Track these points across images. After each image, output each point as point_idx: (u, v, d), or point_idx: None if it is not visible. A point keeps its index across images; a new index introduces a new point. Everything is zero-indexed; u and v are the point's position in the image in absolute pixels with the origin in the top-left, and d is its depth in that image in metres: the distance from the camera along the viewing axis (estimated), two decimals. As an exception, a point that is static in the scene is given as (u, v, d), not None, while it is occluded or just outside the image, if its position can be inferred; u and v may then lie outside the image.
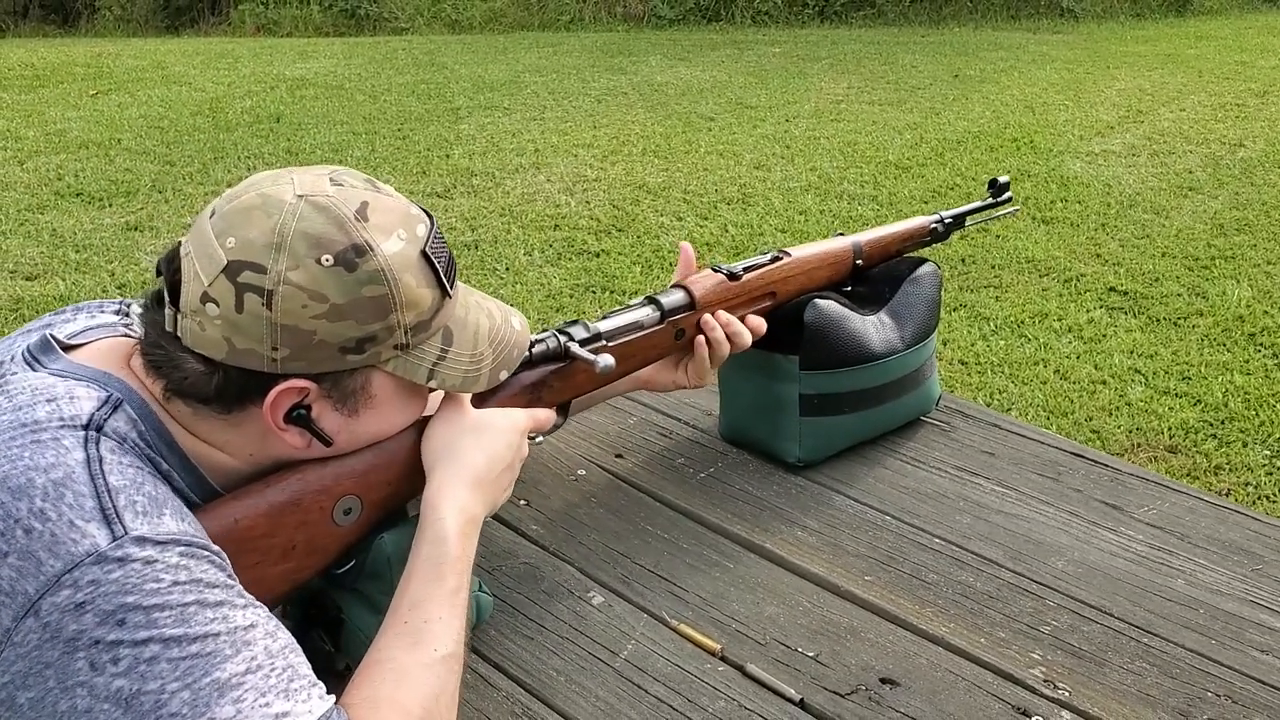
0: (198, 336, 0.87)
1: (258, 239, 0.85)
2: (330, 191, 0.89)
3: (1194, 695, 1.05)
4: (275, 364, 0.87)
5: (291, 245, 0.85)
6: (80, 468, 0.80)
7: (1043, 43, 8.92)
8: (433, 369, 0.95)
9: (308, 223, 0.86)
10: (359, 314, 0.88)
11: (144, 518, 0.79)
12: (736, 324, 1.30)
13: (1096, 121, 6.16)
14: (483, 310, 1.01)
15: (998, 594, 1.19)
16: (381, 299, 0.88)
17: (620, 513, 1.34)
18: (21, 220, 4.67)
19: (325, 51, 8.95)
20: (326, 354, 0.88)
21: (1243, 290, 3.81)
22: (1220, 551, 1.26)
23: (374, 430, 0.97)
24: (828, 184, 5.10)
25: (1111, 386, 3.19)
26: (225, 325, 0.86)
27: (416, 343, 0.93)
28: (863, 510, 1.35)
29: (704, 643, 1.12)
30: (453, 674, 0.92)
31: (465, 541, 0.98)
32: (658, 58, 8.42)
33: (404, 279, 0.89)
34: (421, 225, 0.93)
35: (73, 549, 0.75)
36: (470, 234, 4.50)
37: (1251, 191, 4.89)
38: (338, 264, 0.86)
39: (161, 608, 0.76)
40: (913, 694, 1.05)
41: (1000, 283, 3.93)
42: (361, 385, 0.93)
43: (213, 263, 0.85)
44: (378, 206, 0.90)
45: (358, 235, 0.87)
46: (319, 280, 0.86)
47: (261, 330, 0.86)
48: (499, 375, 1.02)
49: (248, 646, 0.79)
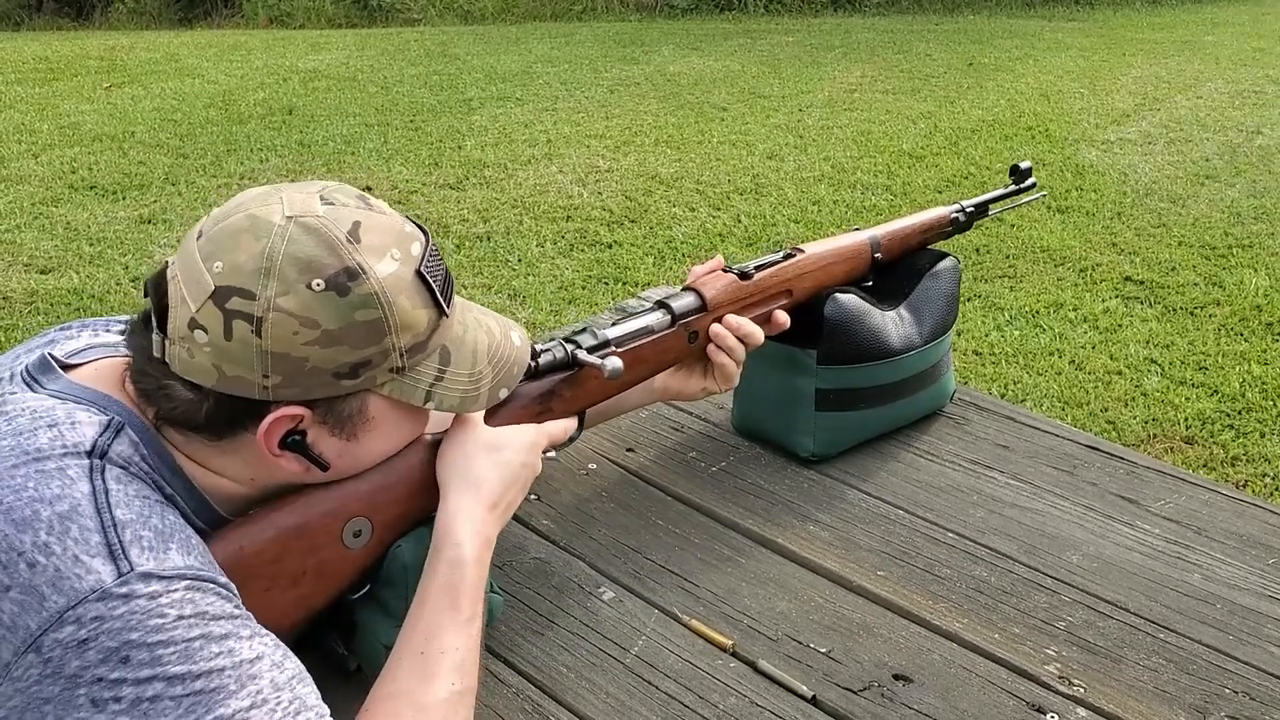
0: (186, 364, 0.85)
1: (246, 264, 0.83)
2: (320, 211, 0.86)
3: (1211, 692, 1.04)
4: (267, 391, 0.85)
5: (281, 270, 0.83)
6: (86, 500, 0.78)
7: (1058, 30, 8.86)
8: (430, 390, 0.93)
9: (297, 246, 0.84)
10: (352, 339, 0.85)
11: (150, 553, 0.78)
12: (747, 325, 1.27)
13: (1112, 109, 6.12)
14: (481, 327, 0.99)
15: (1012, 589, 1.18)
16: (375, 323, 0.86)
17: (631, 507, 1.34)
18: (36, 214, 4.68)
19: (338, 43, 8.96)
20: (320, 380, 0.86)
21: (1260, 279, 3.78)
22: (1238, 545, 1.24)
23: (373, 452, 0.95)
24: (841, 174, 5.08)
25: (1127, 377, 3.17)
26: (214, 352, 0.83)
27: (413, 364, 0.91)
28: (876, 504, 1.33)
29: (715, 639, 1.12)
30: (467, 709, 0.91)
31: (480, 567, 0.96)
32: (670, 47, 8.39)
33: (399, 302, 0.87)
34: (416, 244, 0.90)
35: (77, 585, 0.74)
36: (482, 225, 4.49)
37: (1269, 179, 4.84)
38: (329, 289, 0.84)
39: (166, 644, 0.75)
40: (926, 690, 1.04)
41: (1015, 272, 3.90)
42: (358, 410, 0.91)
43: (200, 288, 0.83)
44: (370, 226, 0.87)
45: (350, 258, 0.85)
46: (310, 306, 0.83)
47: (251, 357, 0.83)
48: (499, 393, 0.99)
49: (253, 680, 0.77)
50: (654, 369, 1.24)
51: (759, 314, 1.30)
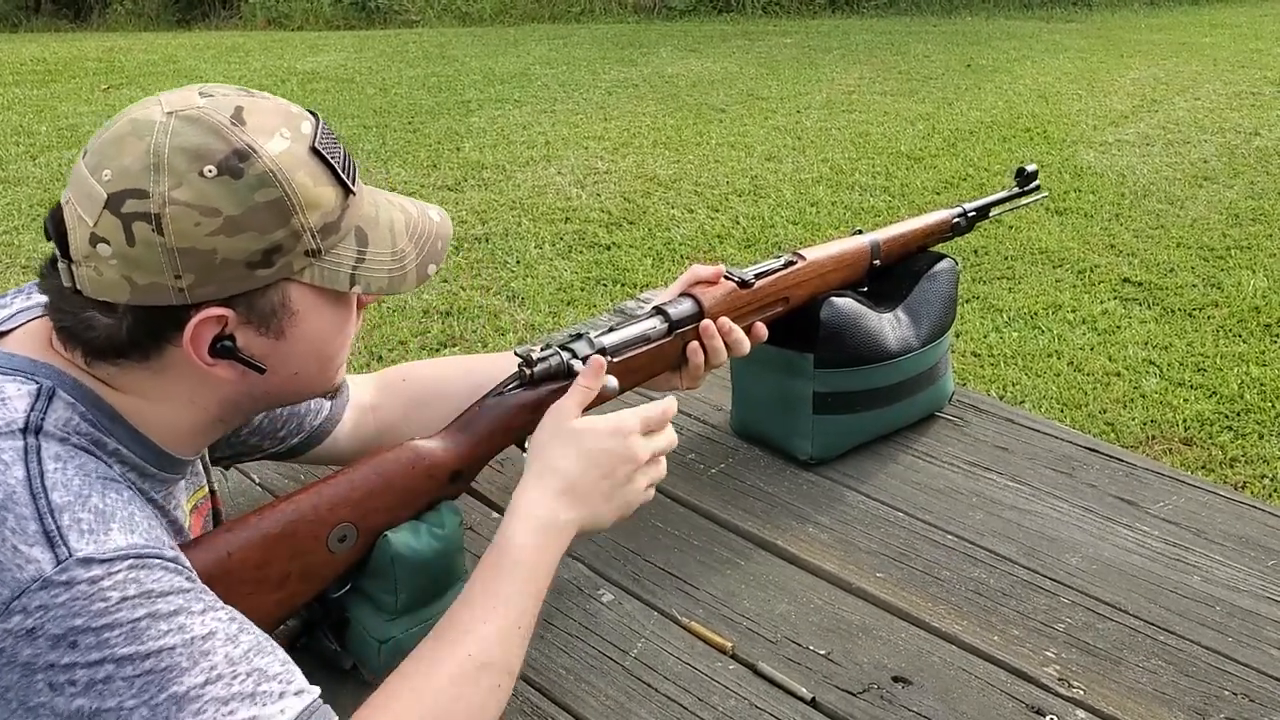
0: (97, 283, 0.82)
1: (133, 165, 0.80)
2: (200, 103, 0.83)
3: (1211, 694, 1.04)
4: (183, 294, 0.82)
5: (170, 163, 0.80)
6: (21, 488, 0.77)
7: (1056, 31, 8.87)
8: (353, 273, 0.89)
9: (182, 137, 0.81)
10: (257, 223, 0.82)
11: (89, 535, 0.77)
12: (737, 332, 1.26)
13: (1110, 111, 6.12)
14: (395, 206, 0.95)
15: (1011, 591, 1.18)
16: (278, 203, 0.83)
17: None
18: (34, 215, 4.68)
19: (336, 45, 8.96)
20: (234, 273, 0.83)
21: (1258, 280, 3.78)
22: (1237, 547, 1.24)
23: (306, 349, 0.91)
24: (839, 175, 5.08)
25: (1126, 378, 3.17)
26: (121, 263, 0.81)
27: (328, 247, 0.87)
28: (875, 506, 1.33)
29: (715, 641, 1.12)
30: (485, 687, 0.89)
31: (538, 551, 0.96)
32: (668, 49, 8.40)
33: (297, 178, 0.84)
34: (306, 123, 0.87)
35: (19, 575, 0.74)
36: (481, 227, 4.49)
37: (1267, 181, 4.85)
38: (222, 173, 0.81)
39: (111, 627, 0.74)
40: (925, 692, 1.04)
41: (1013, 274, 3.91)
42: (280, 302, 0.87)
43: (93, 201, 0.81)
44: (254, 109, 0.85)
45: (237, 140, 0.82)
46: (206, 194, 0.80)
47: (159, 260, 0.80)
48: (427, 270, 0.95)
49: (206, 656, 0.77)
50: (647, 376, 1.24)
51: (751, 323, 1.29)
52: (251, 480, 1.39)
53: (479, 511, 1.33)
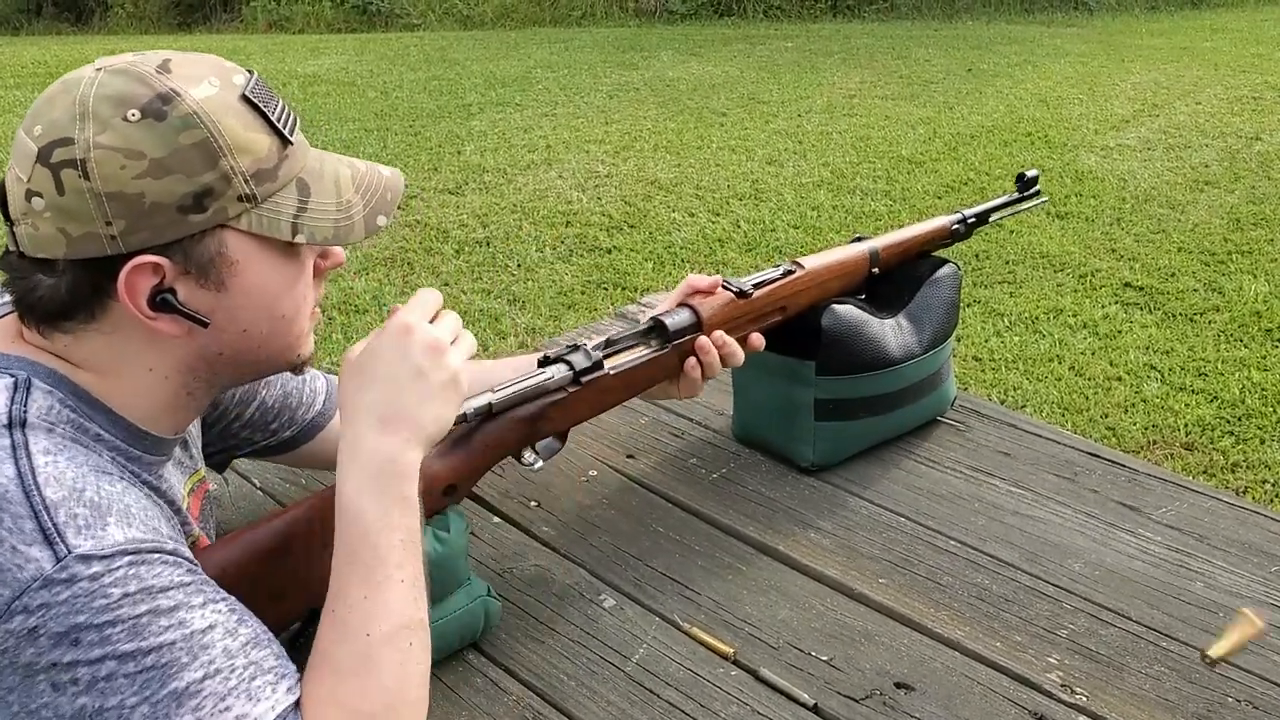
0: (35, 240, 0.82)
1: (61, 117, 0.81)
2: (130, 59, 0.84)
3: (1214, 700, 1.03)
4: (116, 242, 0.81)
5: (95, 110, 0.81)
6: (14, 486, 0.76)
7: (1057, 36, 8.88)
8: (295, 222, 0.87)
9: (107, 87, 0.81)
10: (184, 165, 0.82)
11: (86, 531, 0.76)
12: (732, 344, 1.26)
13: (1111, 115, 6.13)
14: (343, 162, 0.94)
15: (1014, 597, 1.18)
16: (204, 144, 0.82)
17: (632, 514, 1.33)
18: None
19: (337, 48, 8.96)
20: (166, 218, 0.82)
21: (1260, 285, 3.78)
22: (1239, 553, 1.24)
23: (252, 303, 0.89)
24: (840, 179, 5.08)
25: (1127, 383, 3.17)
26: (55, 215, 0.81)
27: (265, 194, 0.86)
28: (877, 512, 1.33)
29: (717, 646, 1.11)
30: (400, 650, 0.86)
31: (379, 499, 0.89)
32: (669, 53, 8.41)
33: (225, 122, 0.83)
34: (238, 75, 0.87)
35: (19, 575, 0.74)
36: (482, 231, 4.49)
37: (1268, 185, 4.85)
38: (146, 116, 0.81)
39: (113, 623, 0.74)
40: (928, 699, 1.04)
41: (1015, 278, 3.91)
42: (217, 251, 0.85)
43: (26, 157, 0.81)
44: (182, 61, 0.85)
45: (161, 85, 0.82)
46: (130, 137, 0.80)
47: (88, 206, 0.80)
48: (376, 221, 0.92)
49: (205, 650, 0.77)
50: (643, 387, 1.24)
51: (748, 333, 1.29)
52: (253, 485, 1.39)
53: (480, 515, 1.33)
